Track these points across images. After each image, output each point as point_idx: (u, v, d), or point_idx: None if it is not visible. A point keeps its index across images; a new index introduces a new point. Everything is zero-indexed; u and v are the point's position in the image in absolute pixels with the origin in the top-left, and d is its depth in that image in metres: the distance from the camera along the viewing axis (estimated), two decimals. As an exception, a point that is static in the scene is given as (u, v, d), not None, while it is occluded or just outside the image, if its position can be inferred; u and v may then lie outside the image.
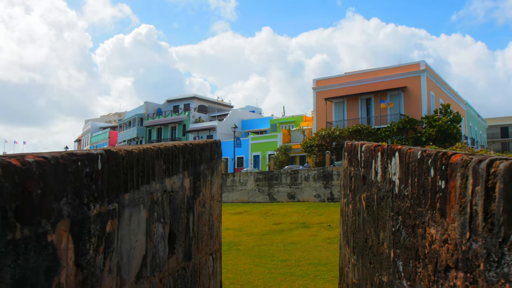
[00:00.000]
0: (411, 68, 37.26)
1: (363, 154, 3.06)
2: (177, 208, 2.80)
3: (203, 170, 3.60)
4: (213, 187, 4.08)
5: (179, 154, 2.82)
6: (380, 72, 38.38)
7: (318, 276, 8.91)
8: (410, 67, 37.55)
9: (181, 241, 2.88)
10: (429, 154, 1.60)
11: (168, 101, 65.38)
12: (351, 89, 39.15)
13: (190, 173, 3.14)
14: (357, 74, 40.08)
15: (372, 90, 37.63)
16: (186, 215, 3.05)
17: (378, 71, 38.78)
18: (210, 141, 3.98)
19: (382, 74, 38.02)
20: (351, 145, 3.67)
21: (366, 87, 38.32)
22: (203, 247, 3.61)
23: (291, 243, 15.22)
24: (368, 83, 38.35)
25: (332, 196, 27.69)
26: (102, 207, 1.65)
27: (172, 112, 62.08)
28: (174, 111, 62.47)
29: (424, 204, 1.61)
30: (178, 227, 2.82)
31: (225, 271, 9.35)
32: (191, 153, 3.18)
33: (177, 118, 58.78)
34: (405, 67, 37.74)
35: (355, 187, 3.39)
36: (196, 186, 3.36)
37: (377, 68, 39.31)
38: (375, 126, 36.34)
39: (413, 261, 1.71)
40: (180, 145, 2.89)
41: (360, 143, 3.25)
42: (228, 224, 21.24)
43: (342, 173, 4.43)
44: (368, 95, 38.48)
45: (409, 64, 37.99)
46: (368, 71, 39.67)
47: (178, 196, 2.81)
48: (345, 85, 39.66)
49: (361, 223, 3.08)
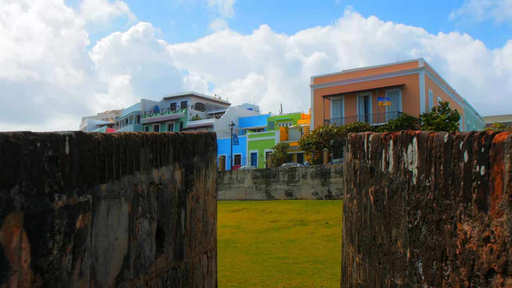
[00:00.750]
0: (409, 66, 37.06)
1: (370, 145, 2.80)
2: (167, 203, 2.53)
3: (197, 163, 3.33)
4: (208, 181, 3.81)
5: (168, 144, 2.55)
6: (378, 70, 38.16)
7: (316, 274, 8.82)
8: (408, 64, 37.35)
9: (171, 238, 2.61)
10: (461, 136, 1.34)
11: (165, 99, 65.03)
12: (349, 86, 38.92)
13: (181, 165, 2.88)
14: (355, 71, 39.84)
15: (370, 87, 37.40)
16: (177, 210, 2.78)
17: (376, 68, 38.56)
18: (204, 133, 3.71)
19: (380, 71, 37.80)
20: (355, 137, 3.41)
21: (364, 85, 38.10)
22: (196, 245, 3.35)
23: (289, 241, 15.09)
24: (366, 81, 38.13)
25: (329, 193, 27.49)
26: (70, 198, 1.38)
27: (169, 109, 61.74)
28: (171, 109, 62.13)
29: (453, 195, 1.36)
30: (168, 223, 2.55)
31: (222, 269, 9.18)
32: (183, 143, 2.91)
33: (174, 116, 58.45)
34: (403, 64, 37.54)
35: (360, 181, 3.13)
36: (189, 179, 3.10)
37: (375, 65, 39.10)
38: (373, 124, 36.13)
39: (438, 262, 1.45)
40: (170, 134, 2.62)
41: (366, 133, 2.99)
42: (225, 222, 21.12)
43: (345, 167, 4.17)
44: (366, 92, 38.25)
45: (407, 62, 37.80)
46: (366, 68, 39.44)
47: (167, 189, 2.54)
48: (343, 82, 39.42)
49: (368, 220, 2.82)
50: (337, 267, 9.37)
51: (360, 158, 3.12)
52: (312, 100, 41.14)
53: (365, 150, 2.94)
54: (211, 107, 65.73)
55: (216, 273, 4.36)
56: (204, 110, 63.89)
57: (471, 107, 51.21)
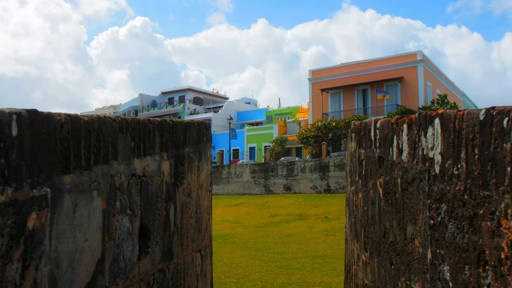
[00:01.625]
0: (408, 58, 36.78)
1: (379, 132, 2.53)
2: (152, 197, 2.25)
3: (188, 154, 3.06)
4: (201, 174, 3.53)
5: (154, 131, 2.27)
6: (377, 63, 37.85)
7: (316, 269, 8.67)
8: (407, 57, 37.07)
9: (158, 237, 2.34)
10: (503, 110, 1.08)
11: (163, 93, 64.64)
12: (347, 79, 38.64)
13: (170, 155, 2.60)
14: (354, 64, 39.52)
15: (369, 80, 37.13)
16: (166, 205, 2.50)
17: (374, 61, 38.25)
18: (197, 121, 3.43)
19: (379, 64, 37.50)
20: (360, 124, 3.14)
21: (362, 78, 37.82)
22: (189, 244, 3.08)
23: (288, 235, 14.93)
24: (365, 74, 37.84)
25: (328, 187, 27.29)
26: (19, 192, 1.10)
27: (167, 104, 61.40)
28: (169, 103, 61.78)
29: (495, 185, 1.09)
30: (154, 220, 2.27)
31: (220, 265, 9.02)
32: (172, 131, 2.63)
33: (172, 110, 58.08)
34: (402, 57, 37.25)
35: (366, 172, 2.86)
36: (179, 171, 2.82)
37: (374, 58, 38.78)
38: (372, 117, 35.85)
39: (472, 267, 1.19)
40: (156, 120, 2.34)
41: (373, 119, 2.72)
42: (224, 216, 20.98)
43: (348, 158, 3.90)
44: (364, 85, 37.98)
45: (406, 54, 37.52)
46: (365, 61, 39.14)
47: (153, 182, 2.26)
48: (342, 75, 39.12)
49: (376, 214, 2.56)
50: (337, 262, 9.20)
51: (366, 147, 2.85)
52: (310, 94, 40.84)
53: (371, 138, 2.66)
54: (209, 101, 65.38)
55: (211, 272, 4.10)
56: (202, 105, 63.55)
57: (470, 100, 50.96)
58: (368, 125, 2.77)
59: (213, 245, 13.85)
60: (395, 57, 37.59)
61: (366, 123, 2.86)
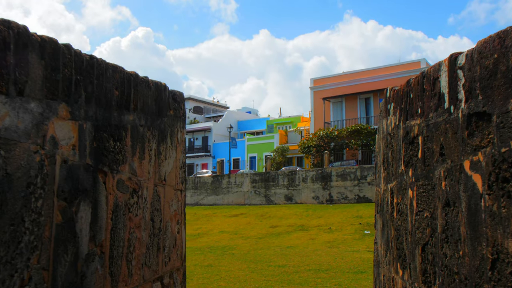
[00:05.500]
0: (411, 67, 35.79)
1: (469, 71, 1.38)
2: (12, 187, 1.09)
3: (134, 124, 1.89)
4: (164, 163, 2.36)
5: (26, 51, 1.12)
6: (380, 71, 36.88)
7: (319, 284, 7.92)
8: (410, 65, 36.09)
9: (21, 267, 1.17)
10: None
11: (161, 102, 63.77)
12: (349, 88, 37.62)
13: (83, 114, 1.45)
14: (356, 73, 38.55)
15: (372, 89, 36.10)
16: (65, 205, 1.34)
17: (377, 69, 37.30)
18: (156, 82, 2.27)
19: (382, 72, 36.52)
20: (409, 83, 1.99)
21: (365, 86, 36.80)
22: (133, 271, 1.89)
23: (289, 247, 13.93)
24: (368, 82, 36.85)
25: (331, 197, 26.11)
26: None
27: (166, 112, 60.49)
28: (168, 112, 60.85)
29: None
30: (15, 234, 1.10)
31: (217, 279, 8.40)
32: (91, 74, 1.47)
33: (171, 119, 57.14)
34: (405, 65, 36.29)
35: (427, 154, 1.71)
36: (109, 149, 1.67)
37: (377, 66, 37.81)
38: (375, 126, 34.71)
39: None
40: (36, 36, 1.17)
41: (437, 62, 1.58)
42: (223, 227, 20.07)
43: (381, 143, 2.72)
44: (367, 94, 36.96)
45: (409, 63, 36.57)
46: (368, 70, 38.18)
47: (14, 155, 1.10)
48: (344, 84, 38.12)
49: (456, 226, 1.40)
50: (342, 276, 8.37)
51: (429, 112, 1.70)
52: (312, 102, 39.81)
53: (447, 89, 1.51)
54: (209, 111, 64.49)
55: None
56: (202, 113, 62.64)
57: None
58: (435, 71, 1.61)
59: (211, 258, 12.64)
60: (398, 65, 36.63)
61: (428, 71, 1.71)
